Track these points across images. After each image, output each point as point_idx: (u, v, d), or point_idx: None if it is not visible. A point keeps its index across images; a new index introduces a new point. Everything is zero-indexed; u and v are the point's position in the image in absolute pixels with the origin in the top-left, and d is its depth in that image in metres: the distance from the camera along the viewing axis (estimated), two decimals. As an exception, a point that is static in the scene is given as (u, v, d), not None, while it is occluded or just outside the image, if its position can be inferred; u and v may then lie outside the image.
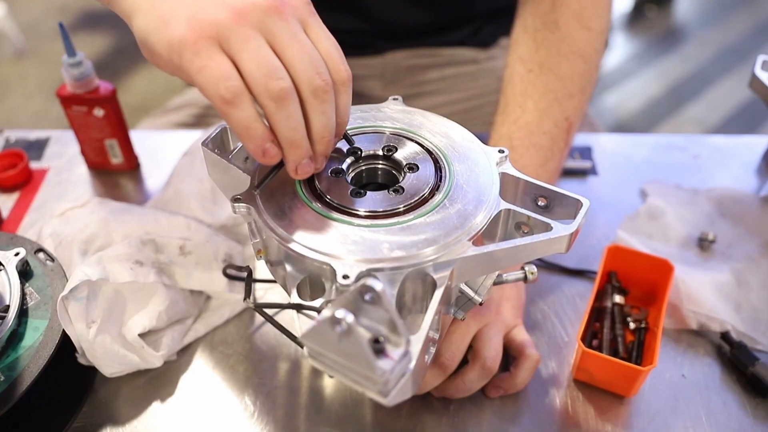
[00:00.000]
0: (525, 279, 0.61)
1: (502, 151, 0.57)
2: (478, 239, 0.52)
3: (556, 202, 0.55)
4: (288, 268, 0.52)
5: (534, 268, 0.61)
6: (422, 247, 0.49)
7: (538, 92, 0.76)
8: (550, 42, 0.78)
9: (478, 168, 0.56)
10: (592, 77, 0.80)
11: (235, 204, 0.53)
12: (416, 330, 0.47)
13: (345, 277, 0.47)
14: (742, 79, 2.63)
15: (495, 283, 0.60)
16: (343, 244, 0.49)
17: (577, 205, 0.54)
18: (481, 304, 0.57)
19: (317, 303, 0.49)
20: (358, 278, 0.47)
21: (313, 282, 0.51)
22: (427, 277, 0.50)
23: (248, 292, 0.61)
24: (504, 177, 0.56)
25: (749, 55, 2.77)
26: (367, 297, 0.43)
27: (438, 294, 0.49)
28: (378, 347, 0.43)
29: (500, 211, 0.53)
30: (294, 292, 0.50)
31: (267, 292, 0.78)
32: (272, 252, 0.54)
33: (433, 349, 0.54)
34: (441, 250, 0.49)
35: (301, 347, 0.55)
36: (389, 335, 0.44)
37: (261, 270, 0.80)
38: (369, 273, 0.48)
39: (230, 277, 0.67)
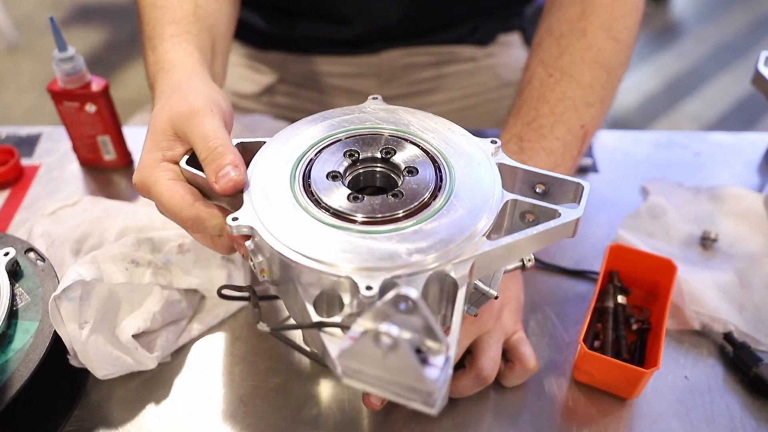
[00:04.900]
0: (523, 267, 0.60)
1: (495, 142, 0.57)
2: (490, 234, 0.51)
3: (555, 188, 0.55)
4: (300, 286, 0.49)
5: (531, 255, 0.60)
6: (439, 248, 0.48)
7: (556, 97, 0.74)
8: (574, 49, 0.76)
9: (476, 162, 0.55)
10: (614, 89, 0.79)
11: (233, 224, 0.50)
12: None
13: (368, 288, 0.45)
14: (740, 75, 2.62)
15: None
16: (356, 255, 0.48)
17: (578, 188, 0.54)
18: (496, 297, 0.57)
19: (338, 318, 0.47)
20: (382, 288, 0.45)
21: (329, 297, 0.49)
22: (447, 278, 0.49)
23: (258, 314, 0.56)
24: (501, 168, 0.56)
25: (747, 51, 2.76)
26: (402, 306, 0.41)
27: (461, 293, 0.48)
28: (422, 357, 0.42)
29: (506, 201, 0.53)
30: (311, 310, 0.48)
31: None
32: (279, 270, 0.51)
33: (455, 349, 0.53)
34: (458, 249, 0.49)
35: (324, 366, 0.53)
36: (428, 343, 0.43)
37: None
38: (392, 281, 0.46)
39: (227, 298, 0.62)
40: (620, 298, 0.73)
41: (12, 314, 0.64)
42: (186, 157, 0.57)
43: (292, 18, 1.04)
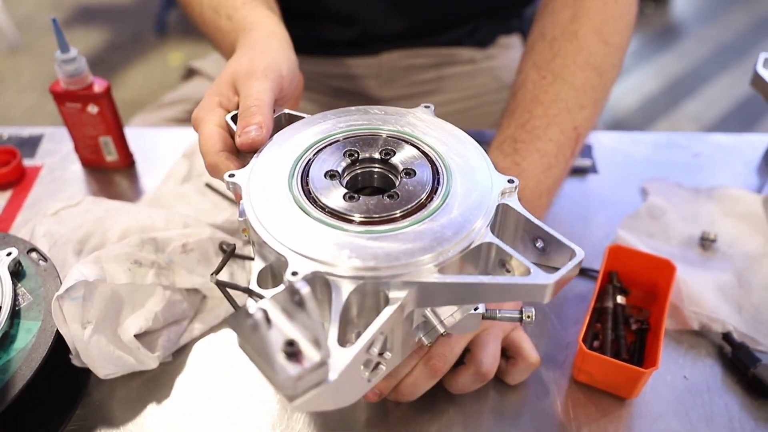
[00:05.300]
0: (520, 321, 0.58)
1: (512, 181, 0.53)
2: (453, 266, 0.49)
3: (553, 247, 0.51)
4: (257, 251, 0.51)
5: (532, 311, 0.58)
6: (383, 261, 0.47)
7: (549, 99, 0.75)
8: (566, 52, 0.77)
9: (476, 193, 0.52)
10: (606, 91, 0.80)
11: (228, 179, 0.54)
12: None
13: (294, 273, 0.46)
14: (740, 76, 2.63)
15: (485, 318, 0.58)
16: (308, 241, 0.48)
17: (571, 254, 0.49)
18: (442, 334, 0.55)
19: (268, 293, 0.47)
20: (310, 278, 0.46)
21: (274, 272, 0.51)
22: (381, 294, 0.48)
23: (220, 268, 0.59)
24: (506, 209, 0.53)
25: (746, 52, 2.77)
26: (295, 298, 0.42)
27: (385, 313, 0.47)
28: (291, 350, 0.41)
29: (481, 244, 0.50)
30: (254, 277, 0.50)
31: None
32: (251, 233, 0.53)
33: (383, 368, 0.52)
34: (401, 270, 0.47)
35: None
36: (309, 342, 0.42)
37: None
38: (319, 275, 0.46)
39: (223, 251, 0.68)
40: (619, 299, 0.74)
41: (14, 314, 0.64)
42: (235, 111, 0.62)
43: (293, 19, 1.04)
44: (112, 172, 0.95)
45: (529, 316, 0.58)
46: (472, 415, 0.67)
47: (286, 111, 0.63)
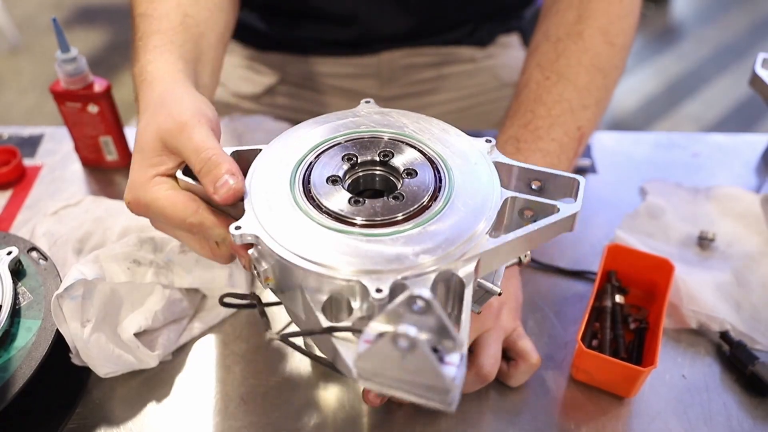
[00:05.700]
0: (520, 263, 0.61)
1: (489, 141, 0.57)
2: (491, 231, 0.52)
3: (550, 184, 0.56)
4: (307, 292, 0.49)
5: (528, 251, 0.60)
6: (445, 248, 0.49)
7: (552, 99, 0.75)
8: (571, 52, 0.77)
9: (473, 161, 0.56)
10: (609, 92, 0.80)
11: (236, 233, 0.50)
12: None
13: (378, 291, 0.46)
14: (739, 76, 2.63)
15: None
16: (364, 258, 0.48)
17: (573, 183, 0.55)
18: (500, 294, 0.57)
19: (348, 322, 0.48)
20: (391, 290, 0.46)
21: (335, 301, 0.50)
22: (454, 277, 0.49)
23: (267, 323, 0.56)
24: (497, 166, 0.56)
25: (746, 52, 2.77)
26: (415, 307, 0.42)
27: (469, 291, 0.49)
28: (438, 356, 0.42)
29: (506, 199, 0.53)
30: (320, 315, 0.48)
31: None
32: (284, 278, 0.51)
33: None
34: (463, 248, 0.49)
35: (334, 369, 0.53)
36: (443, 342, 0.43)
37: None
38: (401, 283, 0.47)
39: (230, 306, 0.60)
40: (618, 298, 0.74)
41: (15, 313, 0.64)
42: (180, 169, 0.57)
43: (294, 19, 1.05)
44: (112, 172, 0.95)
45: (526, 255, 0.60)
46: (472, 415, 0.67)
47: (235, 149, 0.58)
